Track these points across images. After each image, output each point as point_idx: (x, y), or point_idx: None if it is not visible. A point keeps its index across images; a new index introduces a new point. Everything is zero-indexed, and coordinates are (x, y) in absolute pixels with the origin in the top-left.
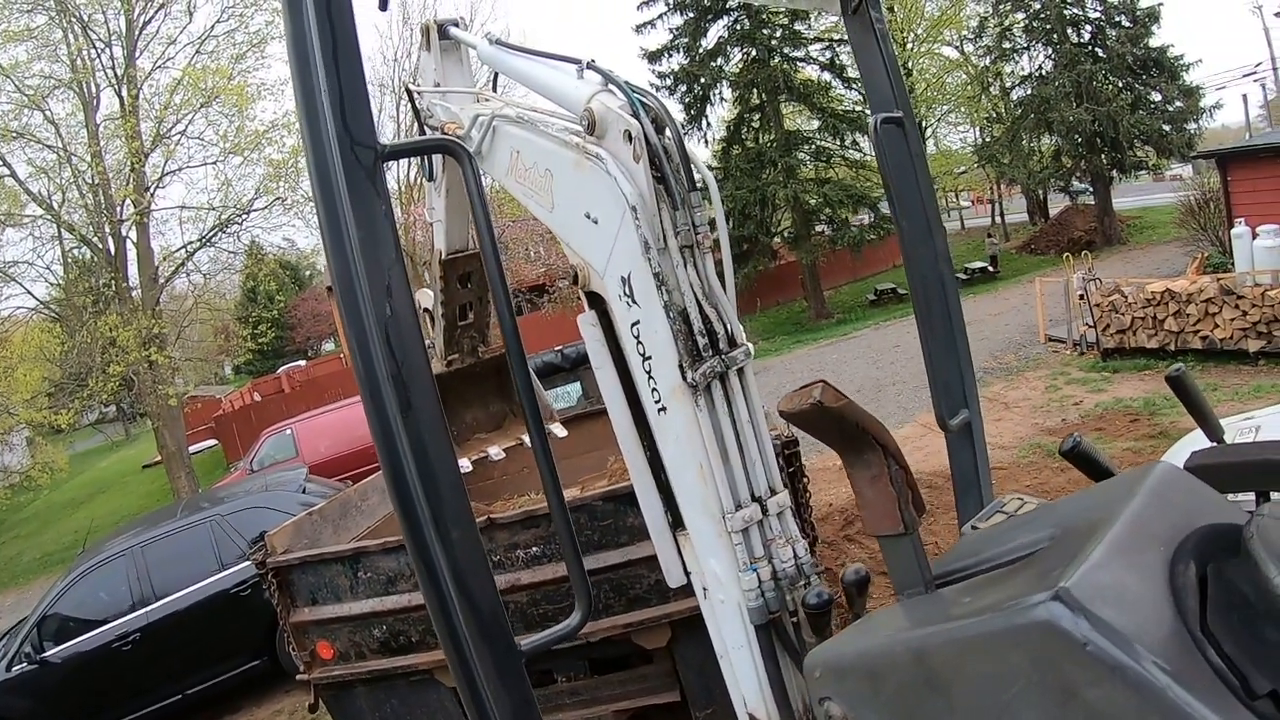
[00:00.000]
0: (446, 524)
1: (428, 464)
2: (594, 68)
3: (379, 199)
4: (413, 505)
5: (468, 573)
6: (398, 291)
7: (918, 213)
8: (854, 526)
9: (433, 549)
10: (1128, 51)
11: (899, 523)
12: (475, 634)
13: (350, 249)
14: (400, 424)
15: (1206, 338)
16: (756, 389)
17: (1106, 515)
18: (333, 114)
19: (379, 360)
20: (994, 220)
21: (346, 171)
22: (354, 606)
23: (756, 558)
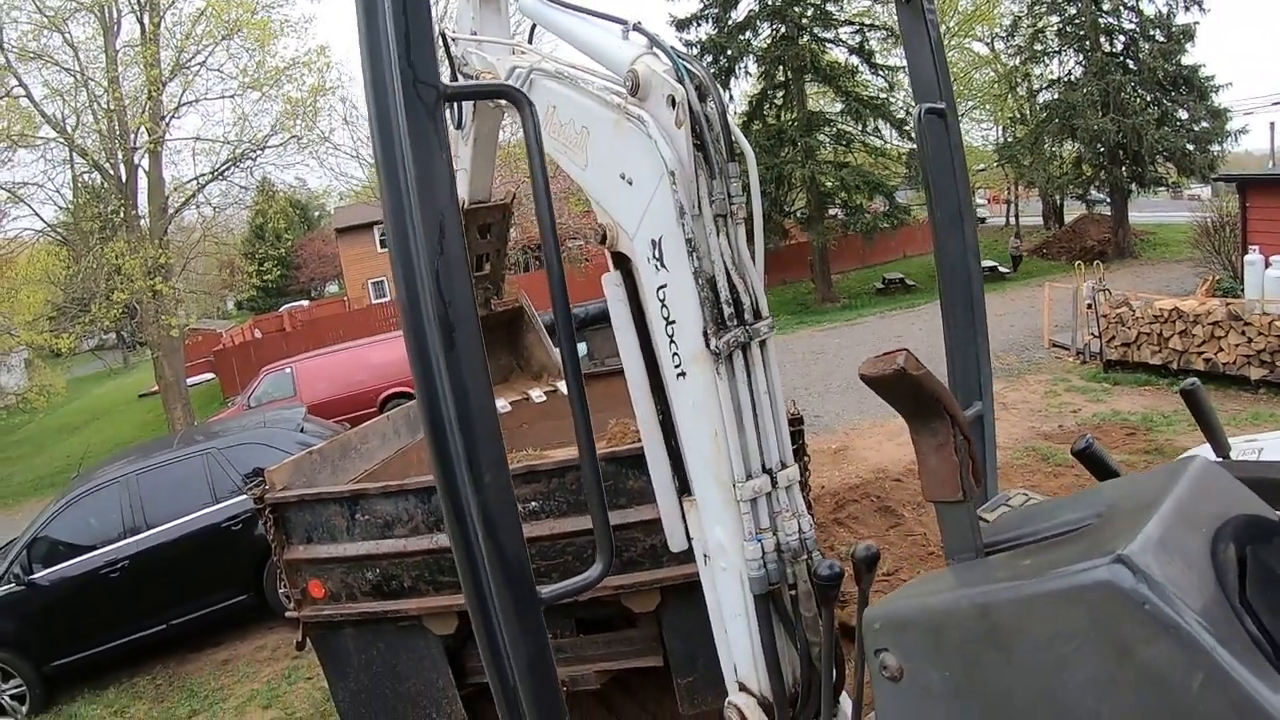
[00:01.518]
0: (480, 466)
1: (467, 406)
2: (640, 29)
3: (437, 138)
4: (447, 445)
5: (497, 517)
6: (450, 232)
7: (952, 204)
8: (844, 510)
9: (463, 490)
10: (1159, 66)
11: (958, 490)
12: (498, 579)
13: (405, 186)
14: (443, 364)
15: (1210, 360)
16: (777, 362)
17: (1153, 498)
18: (397, 49)
19: (426, 299)
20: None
21: (407, 108)
22: (349, 548)
23: (762, 528)
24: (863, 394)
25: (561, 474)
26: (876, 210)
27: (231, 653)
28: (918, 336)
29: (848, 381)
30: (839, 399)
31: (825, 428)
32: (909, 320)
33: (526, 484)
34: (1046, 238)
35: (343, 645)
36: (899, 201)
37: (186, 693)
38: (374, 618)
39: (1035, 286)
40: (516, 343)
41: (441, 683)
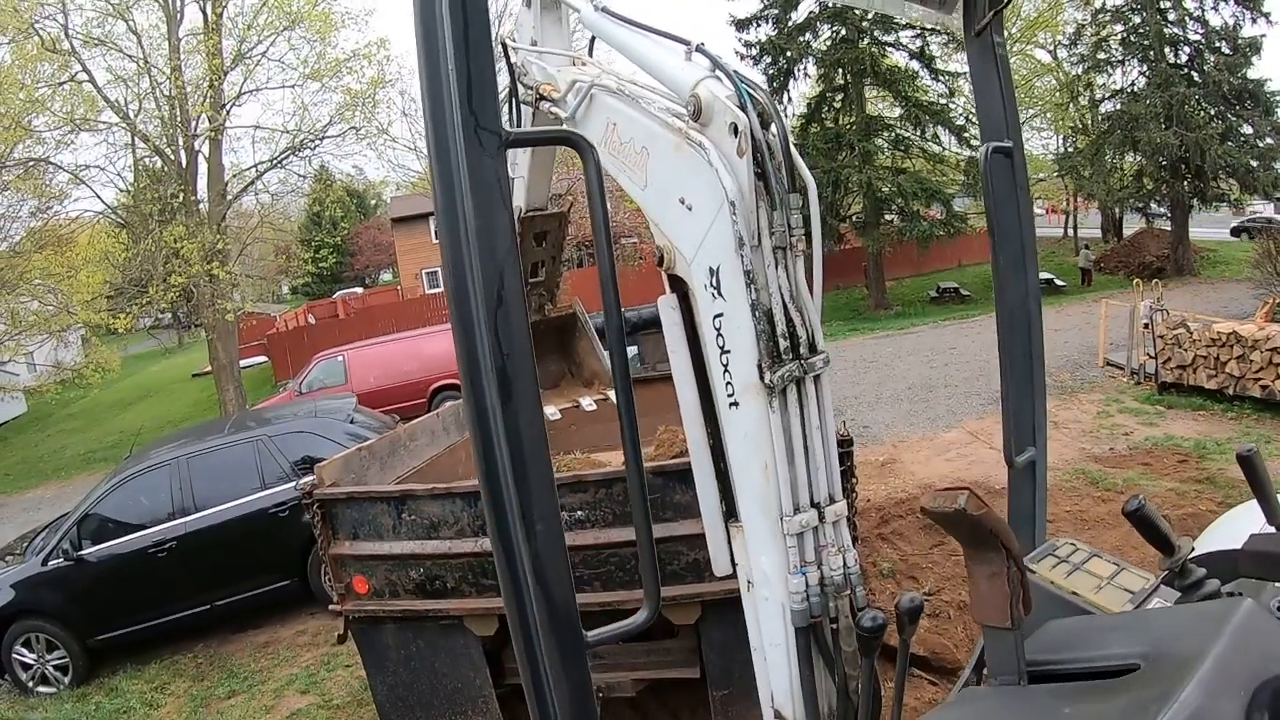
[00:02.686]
0: (533, 517)
1: (522, 457)
2: (703, 51)
3: (499, 187)
4: (501, 494)
5: (547, 564)
6: (510, 283)
7: (1015, 245)
8: (889, 526)
9: (515, 538)
10: (1224, 79)
11: (1007, 618)
12: (545, 622)
13: (465, 235)
14: (500, 416)
15: (1267, 388)
16: (831, 397)
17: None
18: (459, 96)
19: (483, 351)
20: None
21: (469, 156)
22: (394, 546)
23: (807, 562)
24: (913, 405)
25: (609, 485)
26: (933, 218)
27: (272, 636)
28: (970, 350)
29: (898, 391)
30: (889, 410)
31: (874, 439)
32: (962, 331)
33: (573, 493)
34: (1105, 251)
35: (383, 640)
36: (956, 210)
37: (226, 673)
38: (416, 616)
39: (1092, 302)
40: (569, 349)
41: (479, 682)
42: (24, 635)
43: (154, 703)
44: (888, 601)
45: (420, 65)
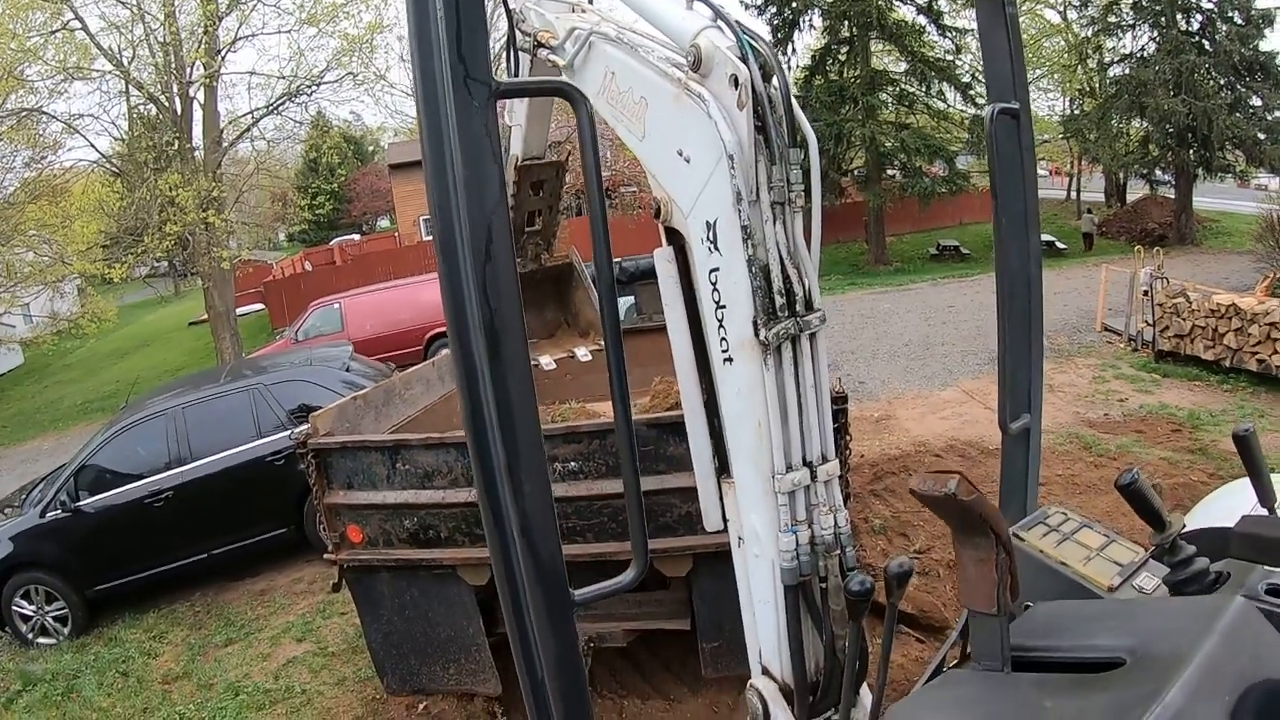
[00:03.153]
0: (520, 475)
1: (510, 415)
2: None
3: (489, 139)
4: (489, 453)
5: (534, 523)
6: (498, 236)
7: (1018, 208)
8: (882, 482)
9: (503, 496)
10: (1235, 50)
11: (993, 604)
12: (533, 581)
13: (454, 187)
14: (487, 371)
15: (1264, 362)
16: (826, 355)
17: (1186, 648)
18: (448, 45)
19: (471, 305)
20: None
21: (458, 107)
22: (388, 496)
23: (798, 520)
24: (910, 362)
25: (602, 436)
26: (935, 174)
27: (269, 584)
28: (968, 308)
29: (895, 348)
30: (885, 365)
31: (869, 394)
32: (961, 290)
33: (567, 444)
34: (1107, 216)
35: (378, 589)
36: (959, 167)
37: (224, 621)
38: (410, 565)
39: (1092, 266)
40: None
41: (472, 630)
42: (23, 587)
43: (152, 651)
44: (879, 558)
45: (409, 13)
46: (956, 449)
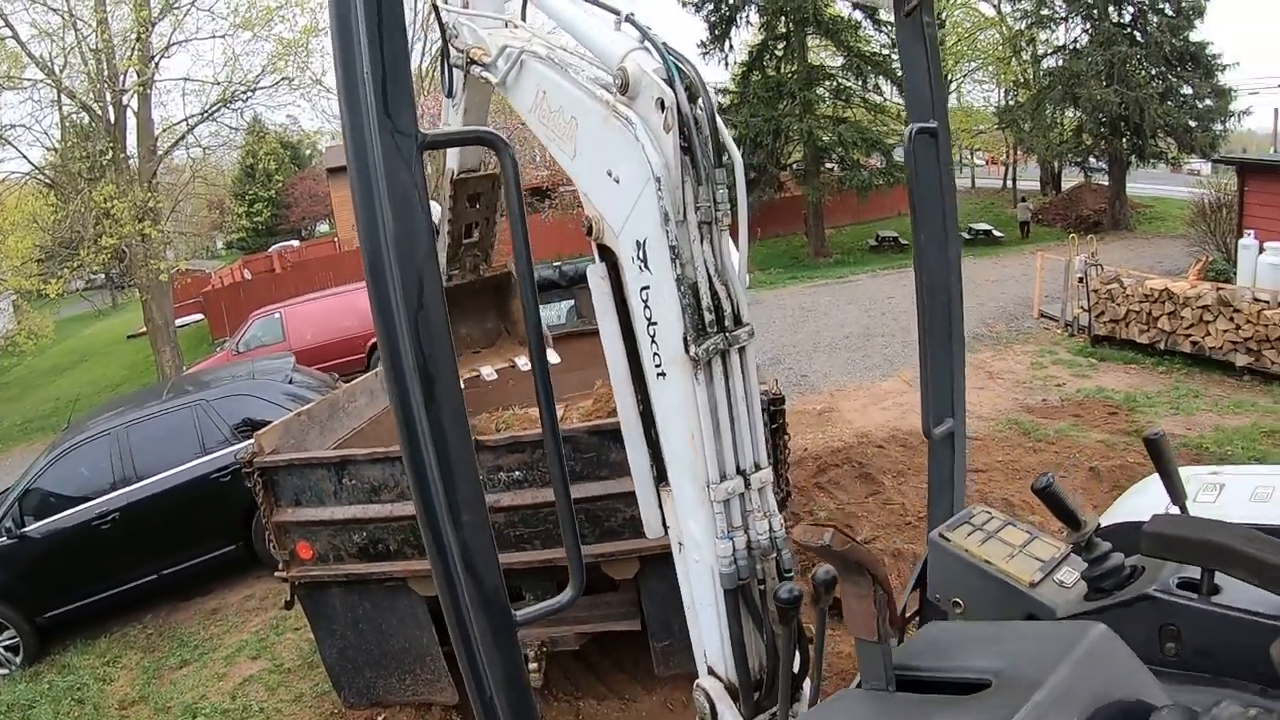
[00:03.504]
0: (459, 507)
1: (447, 453)
2: (633, 22)
3: (416, 191)
4: (429, 489)
5: (474, 551)
6: (429, 285)
7: (937, 223)
8: (825, 475)
9: (444, 527)
10: (1166, 41)
11: (874, 633)
12: (476, 604)
13: (385, 239)
14: (424, 414)
15: (1196, 343)
16: (755, 368)
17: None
18: (375, 100)
19: (405, 352)
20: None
21: (385, 160)
22: (336, 511)
23: (734, 526)
24: (851, 354)
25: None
26: (873, 167)
27: (220, 602)
28: (908, 299)
29: (836, 340)
30: (827, 358)
31: (811, 388)
32: (900, 280)
33: (511, 453)
34: (1043, 203)
35: (330, 604)
36: (896, 159)
37: (177, 642)
38: (361, 579)
39: (1029, 254)
40: (505, 308)
41: (426, 640)
42: None
43: (106, 677)
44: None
45: (336, 68)
46: (898, 439)
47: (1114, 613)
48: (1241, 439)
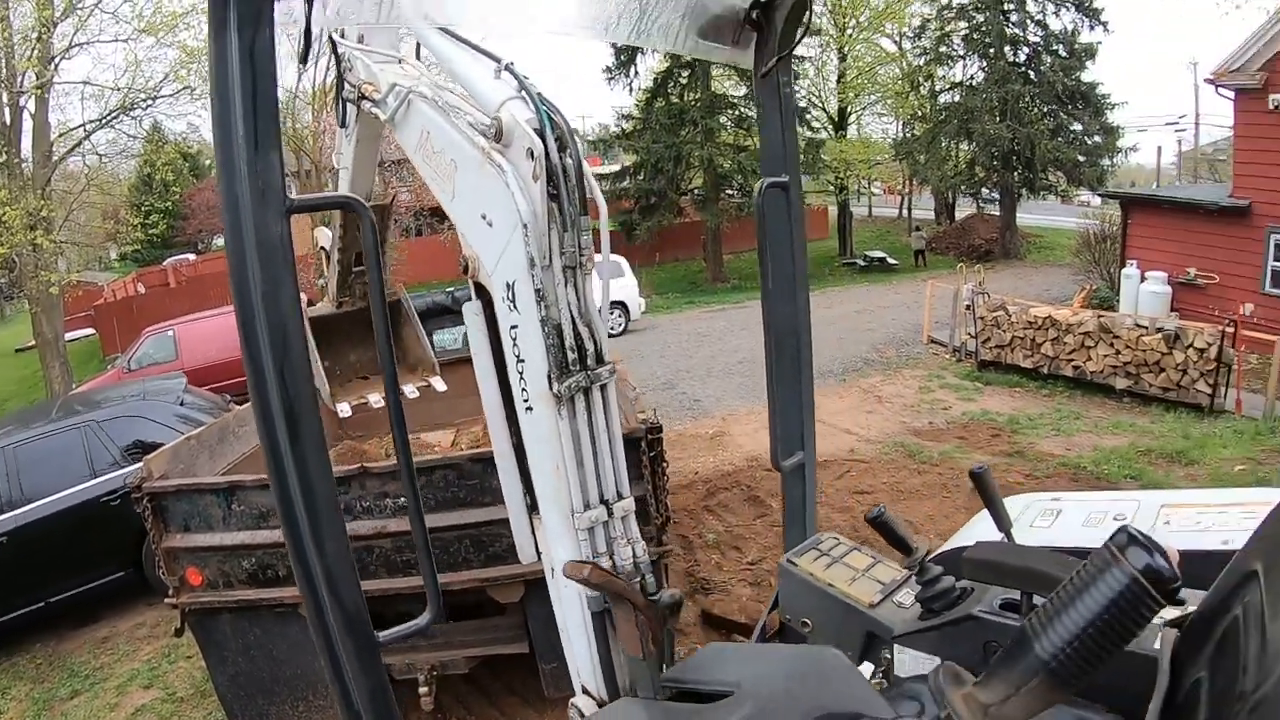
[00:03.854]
0: (322, 536)
1: (310, 486)
2: (511, 71)
3: (283, 251)
4: (296, 521)
5: (338, 576)
6: (293, 338)
7: (787, 273)
8: (715, 498)
9: (310, 555)
10: (1058, 80)
11: (639, 651)
12: (341, 626)
13: (254, 293)
14: (289, 451)
15: (1078, 368)
16: (616, 404)
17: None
18: (248, 167)
19: (273, 397)
20: (900, 213)
21: (255, 221)
22: (225, 537)
23: (599, 553)
24: (744, 379)
25: (429, 471)
26: None
27: (111, 630)
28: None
29: (730, 365)
30: (720, 383)
31: (704, 412)
32: None
33: (395, 480)
34: (937, 232)
35: (221, 631)
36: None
37: (67, 672)
38: (251, 605)
39: (922, 281)
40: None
41: (317, 667)
42: None
43: None
44: (713, 571)
45: (215, 138)
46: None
47: (944, 631)
48: (1119, 458)
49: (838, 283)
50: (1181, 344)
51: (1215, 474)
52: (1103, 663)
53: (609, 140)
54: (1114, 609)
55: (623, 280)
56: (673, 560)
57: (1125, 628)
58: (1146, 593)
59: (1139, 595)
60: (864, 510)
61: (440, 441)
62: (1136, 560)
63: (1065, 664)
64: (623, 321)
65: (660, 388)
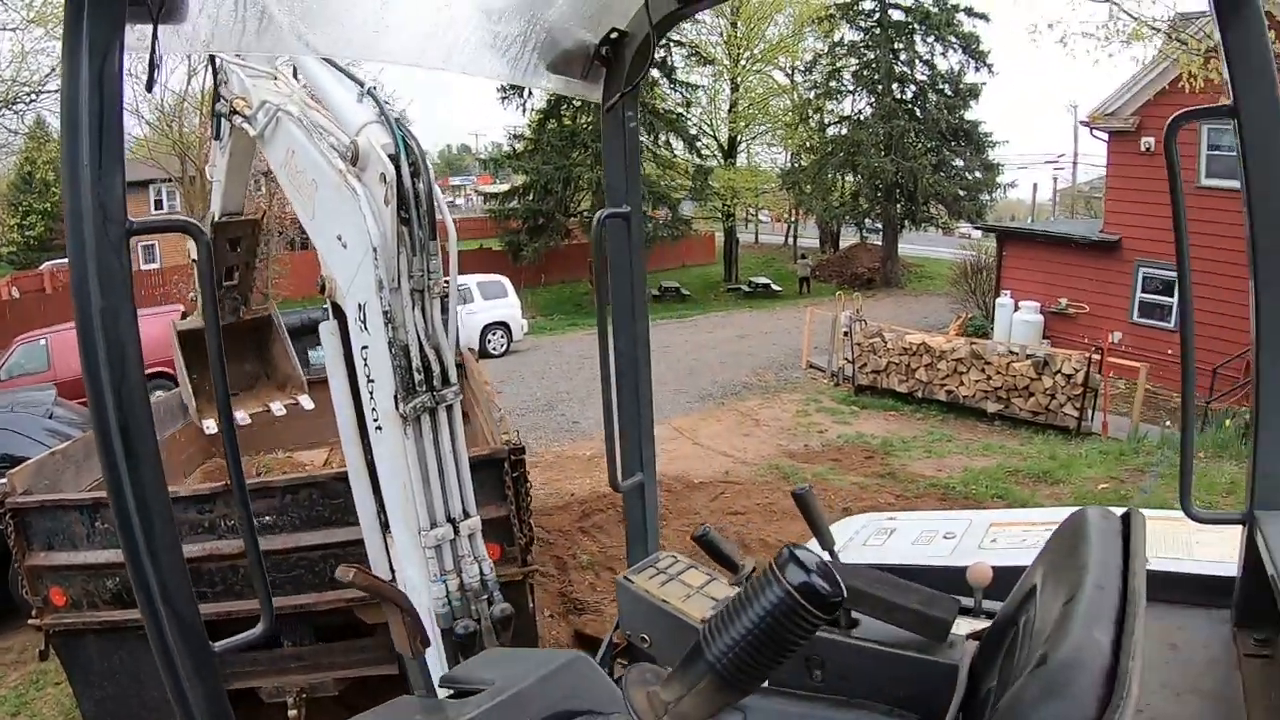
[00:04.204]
0: (158, 548)
1: (145, 502)
2: (373, 96)
3: (122, 273)
4: (133, 530)
5: (173, 589)
6: (130, 359)
7: (626, 300)
8: (590, 519)
9: (146, 566)
10: (943, 118)
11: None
12: (177, 637)
13: (93, 315)
14: (125, 466)
15: (951, 392)
16: (461, 424)
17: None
18: (92, 190)
19: (111, 414)
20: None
21: (96, 245)
22: (89, 556)
23: (446, 570)
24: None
25: (295, 490)
26: (660, 219)
27: None
28: (683, 348)
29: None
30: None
31: (583, 434)
32: (678, 330)
33: (261, 499)
34: (821, 260)
35: (86, 653)
36: (682, 214)
37: None
38: (116, 626)
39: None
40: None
41: None
42: None
43: None
44: (587, 592)
45: (62, 160)
46: (663, 484)
47: None
48: (987, 479)
49: (722, 307)
50: (1050, 370)
51: (1079, 493)
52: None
53: (500, 160)
54: (770, 620)
55: (506, 301)
56: (547, 581)
57: (784, 638)
58: (802, 607)
59: (793, 609)
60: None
61: (313, 460)
62: (793, 578)
63: (729, 668)
64: (505, 342)
65: (540, 409)
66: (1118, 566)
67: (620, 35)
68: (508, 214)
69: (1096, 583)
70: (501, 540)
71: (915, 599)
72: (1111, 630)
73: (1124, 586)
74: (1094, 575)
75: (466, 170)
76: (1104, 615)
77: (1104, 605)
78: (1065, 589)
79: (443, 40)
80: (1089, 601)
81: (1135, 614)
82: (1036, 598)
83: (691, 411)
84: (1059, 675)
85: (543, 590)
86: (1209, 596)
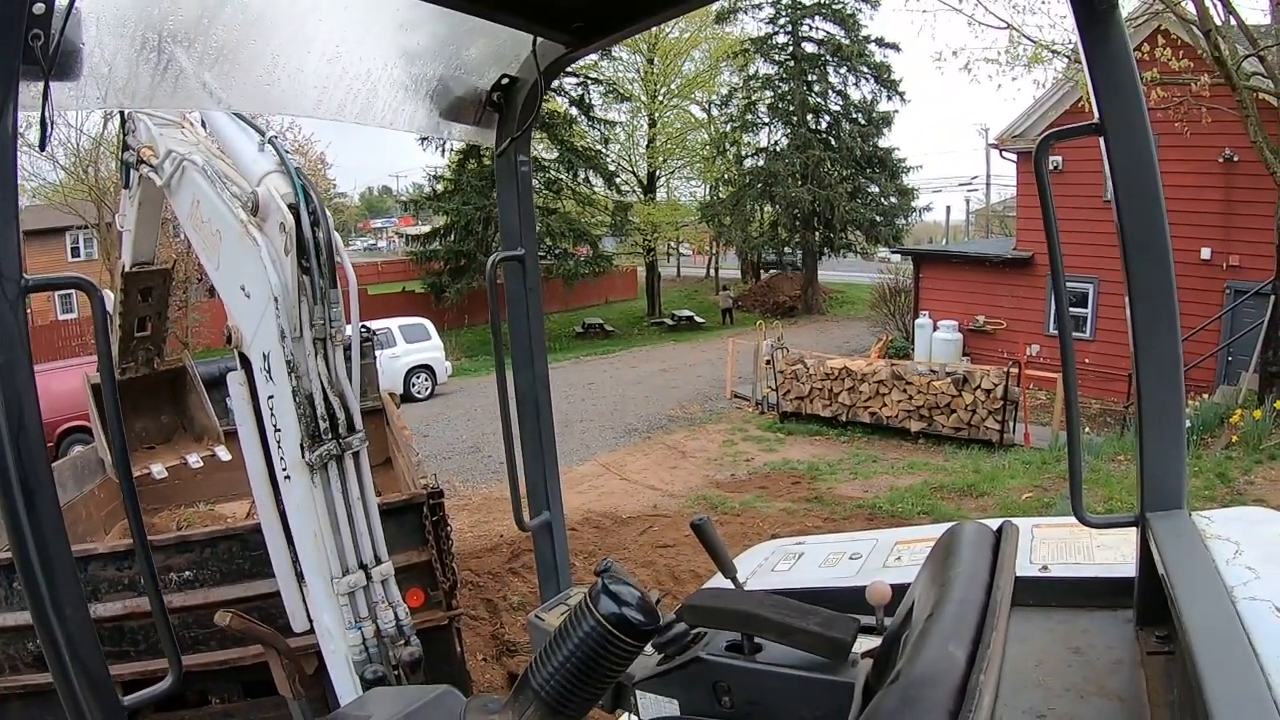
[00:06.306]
0: (61, 604)
1: (49, 556)
2: (274, 145)
3: (17, 328)
4: (37, 586)
5: (79, 644)
6: (28, 412)
7: (525, 340)
8: (519, 560)
9: (53, 622)
10: (857, 146)
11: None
12: (86, 692)
13: None
14: (26, 522)
15: (875, 414)
16: (369, 471)
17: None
18: None
19: (12, 470)
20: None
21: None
22: (8, 618)
23: (361, 617)
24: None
25: (214, 543)
26: (582, 255)
27: None
28: (607, 385)
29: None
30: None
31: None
32: (602, 366)
33: (181, 554)
34: (743, 291)
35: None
36: (603, 250)
37: None
38: (40, 690)
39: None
40: (180, 402)
41: None
42: None
43: None
44: (518, 633)
45: None
46: (592, 521)
47: (676, 674)
48: (913, 496)
49: (646, 342)
50: (970, 386)
51: (1004, 503)
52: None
53: (421, 201)
54: (586, 649)
55: (430, 344)
56: (478, 624)
57: (602, 666)
58: (615, 636)
59: (605, 638)
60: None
61: (234, 512)
62: (605, 609)
63: (554, 694)
64: (430, 385)
65: (466, 451)
66: (983, 580)
67: (511, 81)
68: (429, 255)
69: (960, 597)
70: (425, 585)
71: (814, 621)
72: (968, 644)
73: (986, 600)
74: (958, 589)
75: (388, 212)
76: (963, 629)
77: (964, 619)
78: (931, 604)
79: (334, 92)
80: (949, 616)
81: (995, 626)
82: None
83: (618, 447)
84: (910, 691)
85: (474, 634)
86: (1111, 599)
